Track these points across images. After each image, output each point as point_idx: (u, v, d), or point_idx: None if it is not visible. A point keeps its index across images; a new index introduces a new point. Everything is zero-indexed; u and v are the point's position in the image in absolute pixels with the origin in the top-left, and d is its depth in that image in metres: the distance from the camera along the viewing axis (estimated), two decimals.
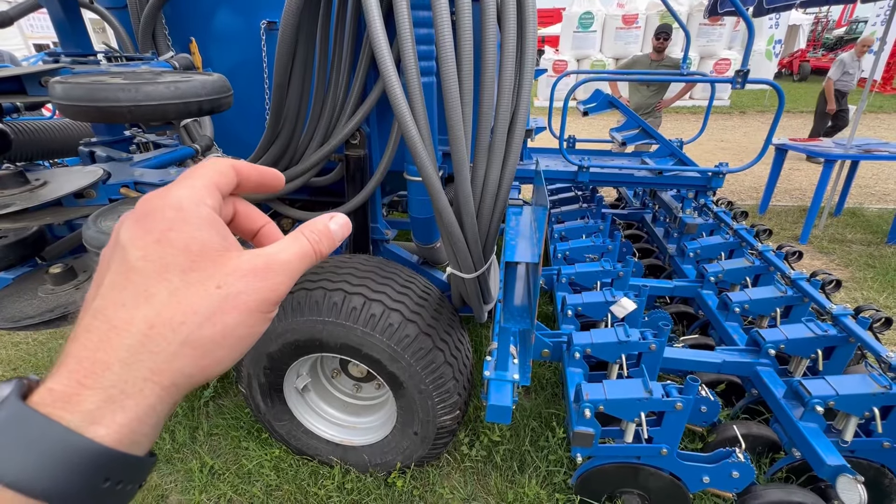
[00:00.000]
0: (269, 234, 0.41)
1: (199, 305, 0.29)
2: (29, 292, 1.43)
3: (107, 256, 0.31)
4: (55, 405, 0.26)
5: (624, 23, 11.86)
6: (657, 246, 3.38)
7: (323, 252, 0.36)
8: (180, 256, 0.29)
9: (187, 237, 0.30)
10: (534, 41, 1.38)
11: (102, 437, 0.26)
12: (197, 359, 0.29)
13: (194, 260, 0.30)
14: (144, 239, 0.29)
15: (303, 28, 1.56)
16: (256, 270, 0.31)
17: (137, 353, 0.28)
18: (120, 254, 0.30)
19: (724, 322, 2.27)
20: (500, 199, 1.53)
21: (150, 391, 0.28)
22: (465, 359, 1.94)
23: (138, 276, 0.29)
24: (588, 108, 2.92)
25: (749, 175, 7.11)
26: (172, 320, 0.28)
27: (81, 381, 0.27)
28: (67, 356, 0.28)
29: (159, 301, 0.28)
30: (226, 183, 0.35)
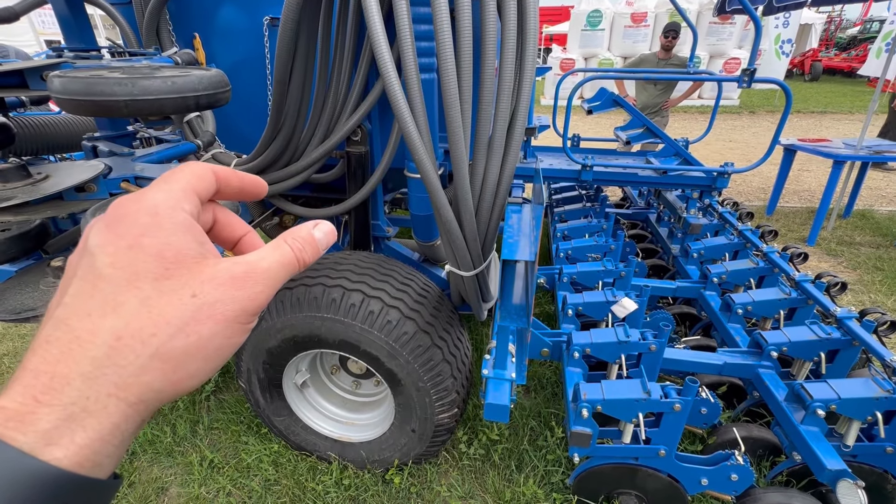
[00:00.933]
0: (250, 243, 0.40)
1: (171, 315, 0.27)
2: (31, 285, 1.44)
3: (73, 263, 0.29)
4: (7, 425, 0.24)
5: (633, 21, 11.76)
6: (661, 246, 3.35)
7: (307, 260, 0.35)
8: (153, 263, 0.28)
9: (161, 243, 0.28)
10: (534, 38, 1.37)
11: (59, 460, 0.24)
12: (167, 373, 0.27)
13: (168, 267, 0.28)
14: (115, 244, 0.27)
15: (304, 24, 1.56)
16: (235, 279, 0.30)
17: (102, 367, 0.26)
18: (88, 260, 0.28)
19: (726, 323, 2.25)
20: (500, 197, 1.52)
21: (114, 408, 0.26)
22: (463, 357, 1.93)
23: (106, 284, 0.27)
24: (592, 106, 2.90)
25: (757, 175, 7.04)
26: (142, 331, 0.27)
27: (37, 397, 0.24)
28: (24, 370, 0.25)
29: (128, 311, 0.27)
30: (204, 188, 0.33)
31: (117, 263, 0.27)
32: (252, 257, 0.32)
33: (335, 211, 2.12)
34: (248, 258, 0.32)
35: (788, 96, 2.35)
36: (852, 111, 11.62)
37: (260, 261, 0.32)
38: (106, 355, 0.26)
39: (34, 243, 1.53)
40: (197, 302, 0.28)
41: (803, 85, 16.01)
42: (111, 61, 1.42)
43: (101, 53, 1.62)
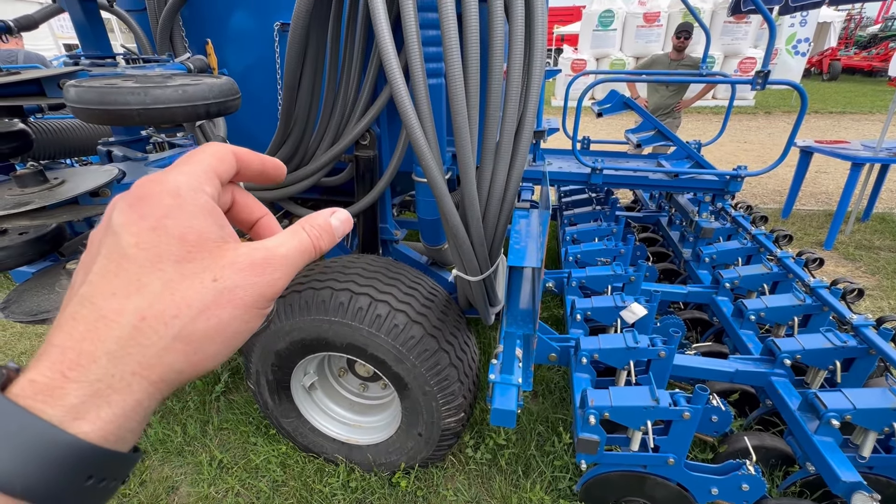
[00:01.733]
0: (267, 225, 0.40)
1: (193, 298, 0.28)
2: (47, 287, 1.48)
3: (96, 240, 0.30)
4: (36, 398, 0.25)
5: (645, 21, 11.65)
6: (673, 250, 3.31)
7: (323, 248, 0.35)
8: (176, 245, 0.28)
9: (184, 226, 0.29)
10: (543, 42, 1.36)
11: (87, 434, 0.25)
12: (189, 354, 0.28)
13: (190, 250, 0.29)
14: (139, 225, 0.28)
15: (313, 30, 1.58)
16: (254, 265, 0.30)
17: (126, 346, 0.26)
18: (112, 239, 0.28)
19: (738, 330, 2.21)
20: (507, 201, 1.52)
21: (137, 386, 0.27)
22: (470, 361, 1.93)
23: (131, 265, 0.27)
24: (602, 108, 2.88)
25: (772, 178, 6.92)
26: (165, 313, 0.27)
27: (65, 372, 0.25)
28: (51, 345, 0.26)
29: (152, 292, 0.27)
30: (225, 170, 0.34)
31: (141, 244, 0.28)
32: (270, 243, 0.32)
33: None
34: (266, 244, 0.32)
35: (804, 98, 2.30)
36: (872, 111, 11.34)
37: (278, 247, 0.32)
38: (130, 335, 0.27)
39: (51, 246, 1.56)
40: (218, 286, 0.29)
41: (821, 84, 15.68)
42: (126, 69, 1.44)
43: (116, 60, 1.65)
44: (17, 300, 1.41)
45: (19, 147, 1.42)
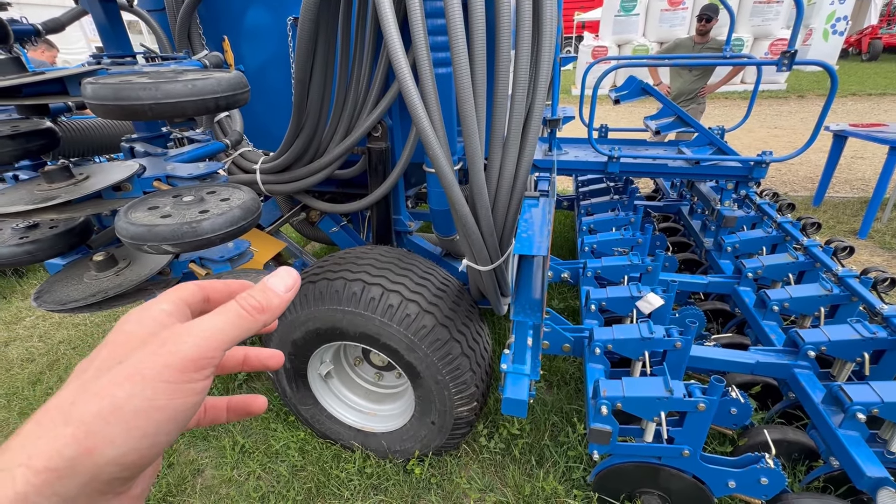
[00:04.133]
0: None
1: (95, 385, 0.28)
2: (76, 278, 1.55)
3: None
4: None
5: (670, 4, 11.26)
6: (694, 240, 3.22)
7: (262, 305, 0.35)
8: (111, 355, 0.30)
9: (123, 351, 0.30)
10: (551, 31, 1.34)
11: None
12: (79, 439, 0.26)
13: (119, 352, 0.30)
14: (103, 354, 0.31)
15: (322, 23, 1.59)
16: (160, 338, 0.30)
17: (23, 439, 0.27)
18: None
19: (760, 321, 2.14)
20: (516, 191, 1.51)
21: (20, 476, 0.25)
22: (482, 351, 1.94)
23: None
24: (620, 95, 2.81)
25: (803, 164, 6.63)
26: (65, 401, 0.27)
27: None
28: None
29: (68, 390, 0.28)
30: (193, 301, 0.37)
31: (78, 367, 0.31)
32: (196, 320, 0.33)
33: (356, 206, 2.16)
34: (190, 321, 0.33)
35: (833, 78, 2.19)
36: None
37: (199, 321, 0.32)
38: (30, 429, 0.27)
39: (79, 239, 1.64)
40: (119, 367, 0.29)
41: (860, 65, 14.85)
42: (143, 66, 1.49)
43: (136, 59, 1.70)
44: (48, 290, 1.48)
45: (47, 145, 1.48)
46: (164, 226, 1.09)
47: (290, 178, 2.11)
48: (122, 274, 1.55)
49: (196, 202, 1.23)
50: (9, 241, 1.48)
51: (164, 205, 1.22)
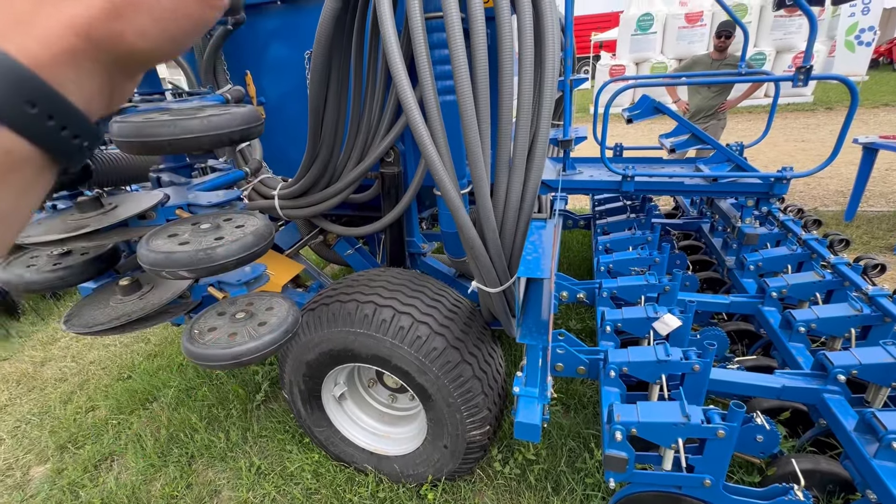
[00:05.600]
0: None
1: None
2: (102, 301, 1.63)
3: None
4: None
5: (687, 21, 11.25)
6: (716, 258, 3.14)
7: None
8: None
9: None
10: (553, 57, 1.37)
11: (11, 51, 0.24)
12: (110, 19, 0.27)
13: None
14: None
15: (335, 56, 1.67)
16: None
17: None
18: None
19: (786, 342, 2.05)
20: (524, 213, 1.52)
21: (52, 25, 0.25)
22: (495, 373, 1.92)
23: None
24: (632, 115, 2.81)
25: (834, 178, 6.42)
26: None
27: None
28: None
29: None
30: None
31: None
32: None
33: (370, 230, 2.21)
34: None
35: (853, 92, 2.14)
36: None
37: None
38: None
39: (107, 264, 1.73)
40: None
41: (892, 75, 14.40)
42: (169, 103, 1.59)
43: (163, 95, 1.82)
44: (77, 314, 1.56)
45: (81, 177, 1.59)
46: (182, 252, 1.15)
47: (306, 203, 2.18)
48: (146, 298, 1.62)
49: (212, 229, 1.29)
50: (43, 268, 1.57)
51: (182, 232, 1.29)
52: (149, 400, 2.86)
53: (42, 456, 2.52)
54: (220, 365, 1.29)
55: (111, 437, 2.56)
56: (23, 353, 3.59)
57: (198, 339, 1.33)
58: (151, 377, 3.03)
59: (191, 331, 1.36)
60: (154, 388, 2.92)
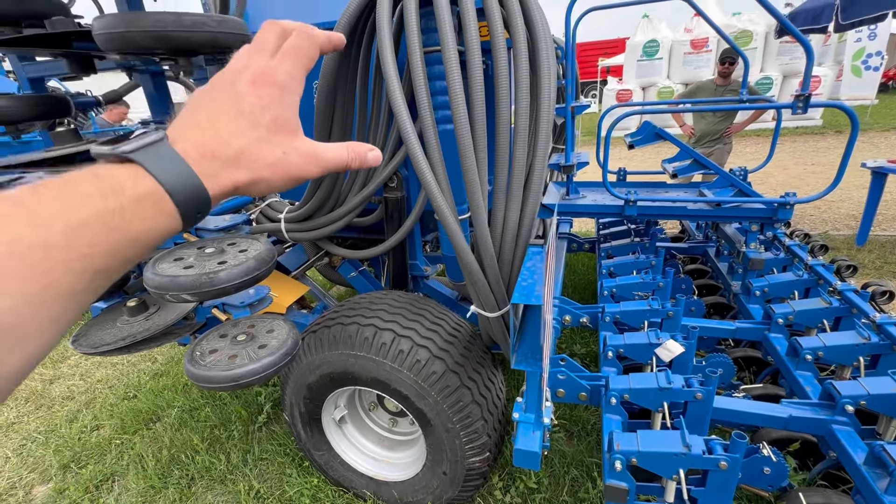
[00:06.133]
0: None
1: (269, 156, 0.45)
2: (110, 322, 1.67)
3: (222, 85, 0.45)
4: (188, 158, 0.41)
5: (692, 47, 11.42)
6: (722, 282, 3.11)
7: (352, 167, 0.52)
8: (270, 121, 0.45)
9: (279, 113, 0.45)
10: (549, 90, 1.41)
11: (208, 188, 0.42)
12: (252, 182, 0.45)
13: (278, 128, 0.45)
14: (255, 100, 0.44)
15: (340, 87, 1.74)
16: (307, 154, 0.48)
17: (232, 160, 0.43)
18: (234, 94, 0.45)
19: (793, 371, 2.01)
20: (521, 239, 1.54)
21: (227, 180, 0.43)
22: (495, 398, 1.91)
23: (244, 120, 0.44)
24: (634, 140, 2.84)
25: (845, 200, 6.36)
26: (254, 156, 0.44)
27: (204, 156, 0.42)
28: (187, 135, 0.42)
29: (251, 139, 0.44)
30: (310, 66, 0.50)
31: (254, 112, 0.44)
32: (321, 147, 0.49)
33: (373, 253, 2.24)
34: (318, 146, 0.49)
35: (854, 120, 2.15)
36: None
37: (326, 151, 0.49)
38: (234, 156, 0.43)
39: (117, 286, 1.78)
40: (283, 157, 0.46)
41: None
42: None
43: None
44: (85, 334, 1.60)
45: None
46: (185, 276, 1.19)
47: (311, 227, 2.23)
48: (151, 319, 1.66)
49: (217, 254, 1.33)
50: None
51: (188, 256, 1.33)
52: (152, 420, 2.87)
53: (45, 475, 2.54)
54: (220, 387, 1.31)
55: (114, 457, 2.57)
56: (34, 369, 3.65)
57: (199, 361, 1.35)
58: (156, 397, 3.05)
59: (193, 352, 1.39)
60: (158, 408, 2.94)
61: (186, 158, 0.40)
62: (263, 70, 0.45)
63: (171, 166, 0.39)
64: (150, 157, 0.39)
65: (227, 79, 0.45)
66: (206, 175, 0.41)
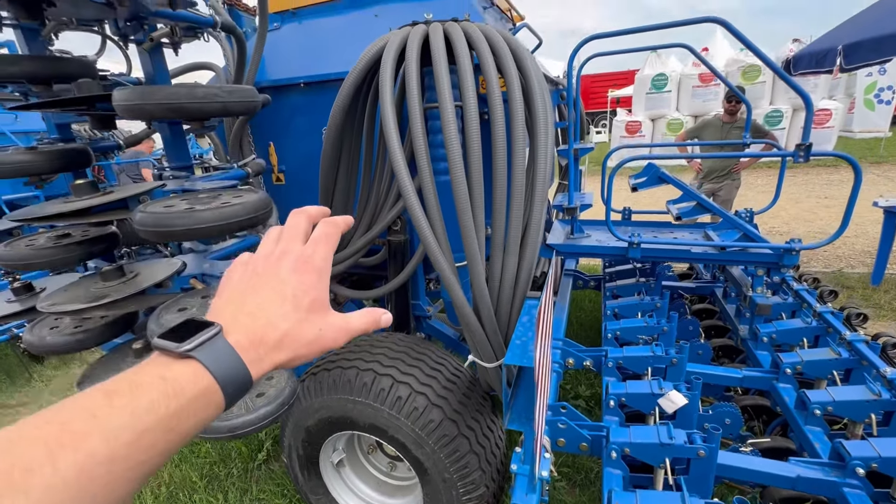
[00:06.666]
0: None
1: (308, 334, 0.50)
2: (116, 363, 1.71)
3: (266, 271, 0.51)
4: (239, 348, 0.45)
5: (701, 81, 11.57)
6: (731, 324, 3.06)
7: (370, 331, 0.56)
8: (310, 303, 0.50)
9: (316, 297, 0.51)
10: (546, 148, 1.45)
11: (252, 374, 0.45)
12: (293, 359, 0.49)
13: (316, 309, 0.51)
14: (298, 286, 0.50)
15: (346, 138, 1.81)
16: (340, 329, 0.52)
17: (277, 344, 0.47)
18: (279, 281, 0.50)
19: (802, 425, 1.96)
20: (519, 290, 1.56)
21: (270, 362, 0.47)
22: (493, 448, 1.88)
23: (287, 303, 0.49)
24: (637, 183, 2.87)
25: (860, 236, 6.26)
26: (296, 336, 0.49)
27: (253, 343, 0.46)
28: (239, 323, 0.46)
29: (293, 321, 0.48)
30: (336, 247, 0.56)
31: (296, 296, 0.49)
32: (350, 318, 0.54)
33: (376, 294, 2.27)
34: (347, 318, 0.54)
35: (857, 170, 2.16)
36: None
37: (354, 322, 0.54)
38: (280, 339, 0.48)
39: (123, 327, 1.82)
40: (320, 333, 0.51)
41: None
42: (195, 180, 1.73)
43: (192, 170, 1.98)
44: (90, 376, 1.64)
45: (108, 247, 1.72)
46: None
47: None
48: None
49: None
50: (64, 331, 1.68)
51: (191, 306, 1.37)
52: None
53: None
54: (217, 437, 1.32)
55: None
56: (42, 397, 3.70)
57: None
58: None
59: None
60: None
61: (238, 349, 0.44)
62: (303, 257, 0.52)
63: (226, 361, 0.43)
64: (209, 354, 0.42)
65: (270, 266, 0.51)
66: (252, 361, 0.45)
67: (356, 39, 2.21)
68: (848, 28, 4.94)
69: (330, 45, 2.38)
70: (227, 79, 2.08)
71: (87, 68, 1.52)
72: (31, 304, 1.69)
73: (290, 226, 0.55)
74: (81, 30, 1.91)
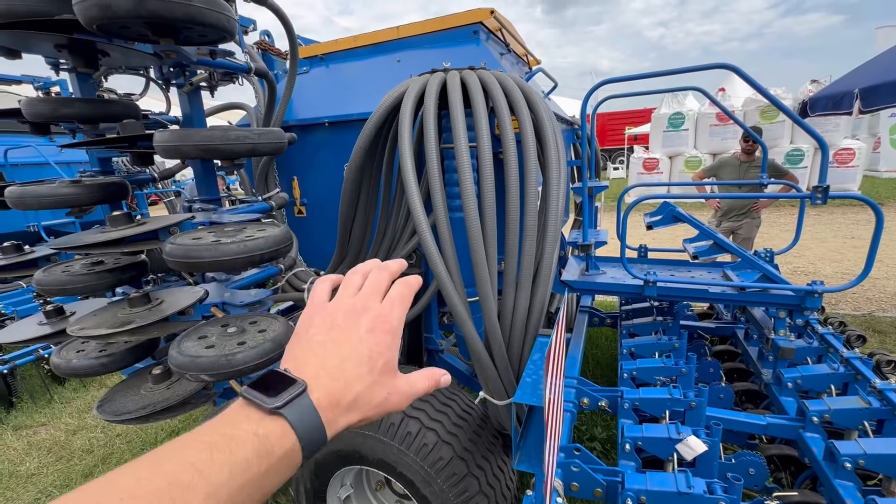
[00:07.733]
0: None
1: (378, 396, 0.51)
2: (135, 388, 1.76)
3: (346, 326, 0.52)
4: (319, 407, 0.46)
5: (718, 120, 11.63)
6: (754, 368, 2.95)
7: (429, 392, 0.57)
8: (383, 365, 0.51)
9: (389, 357, 0.52)
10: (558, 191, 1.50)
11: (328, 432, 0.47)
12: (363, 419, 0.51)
13: (386, 372, 0.52)
14: (375, 346, 0.51)
15: (365, 178, 1.89)
16: (404, 393, 0.53)
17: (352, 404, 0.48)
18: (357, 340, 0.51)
19: (833, 479, 1.85)
20: (531, 328, 1.56)
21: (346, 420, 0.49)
22: (504, 489, 1.83)
23: (364, 365, 0.50)
24: (652, 221, 2.87)
25: (892, 278, 6.05)
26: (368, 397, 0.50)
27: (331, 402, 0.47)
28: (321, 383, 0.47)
29: (367, 383, 0.50)
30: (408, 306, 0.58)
31: (372, 357, 0.50)
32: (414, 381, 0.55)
33: None
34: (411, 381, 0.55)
35: (878, 214, 2.13)
36: None
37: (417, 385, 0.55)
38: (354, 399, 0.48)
39: (145, 352, 1.88)
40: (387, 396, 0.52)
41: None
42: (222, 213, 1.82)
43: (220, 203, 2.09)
44: (109, 399, 1.69)
45: (138, 274, 1.80)
46: (205, 357, 1.26)
47: None
48: (173, 388, 1.73)
49: (238, 333, 1.41)
50: (90, 355, 1.74)
51: (211, 334, 1.42)
52: None
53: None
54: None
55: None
56: (60, 419, 3.77)
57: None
58: None
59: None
60: None
61: (319, 408, 0.45)
62: (381, 316, 0.53)
63: (309, 421, 0.44)
64: (296, 413, 0.43)
65: (351, 321, 0.52)
66: (328, 421, 0.46)
67: (379, 83, 2.34)
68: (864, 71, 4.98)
69: (354, 88, 2.52)
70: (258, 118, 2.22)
71: (131, 110, 1.65)
72: (61, 327, 1.77)
73: (372, 281, 0.55)
74: (128, 73, 2.09)
